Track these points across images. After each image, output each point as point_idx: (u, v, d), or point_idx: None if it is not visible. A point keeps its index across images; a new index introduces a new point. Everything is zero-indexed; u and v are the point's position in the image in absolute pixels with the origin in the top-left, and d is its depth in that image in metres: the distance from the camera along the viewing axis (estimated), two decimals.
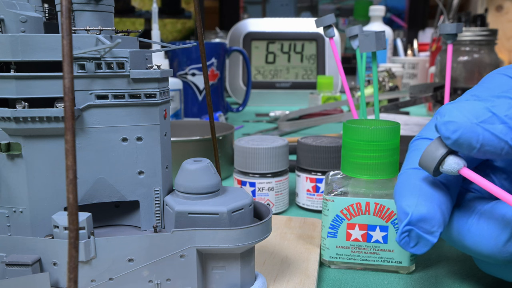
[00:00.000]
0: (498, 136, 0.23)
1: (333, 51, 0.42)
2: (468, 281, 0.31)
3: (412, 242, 0.26)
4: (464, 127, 0.23)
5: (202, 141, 0.51)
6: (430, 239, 0.25)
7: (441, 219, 0.25)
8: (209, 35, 1.61)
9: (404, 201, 0.26)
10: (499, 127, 0.23)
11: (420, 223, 0.25)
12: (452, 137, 0.23)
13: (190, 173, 0.26)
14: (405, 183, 0.27)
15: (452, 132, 0.23)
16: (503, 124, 0.23)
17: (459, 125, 0.23)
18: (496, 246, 0.25)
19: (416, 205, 0.25)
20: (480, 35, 0.87)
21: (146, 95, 0.26)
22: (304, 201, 0.45)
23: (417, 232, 0.25)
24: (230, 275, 0.26)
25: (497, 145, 0.23)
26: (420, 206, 0.25)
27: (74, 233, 0.19)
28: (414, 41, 1.53)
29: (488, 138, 0.23)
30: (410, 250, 0.26)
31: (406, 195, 0.26)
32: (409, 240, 0.25)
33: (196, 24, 0.37)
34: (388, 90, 1.03)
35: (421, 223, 0.25)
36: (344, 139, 0.33)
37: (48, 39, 0.24)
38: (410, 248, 0.26)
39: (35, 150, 0.25)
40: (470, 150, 0.24)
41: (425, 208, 0.25)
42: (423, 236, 0.25)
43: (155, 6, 0.83)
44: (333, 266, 0.33)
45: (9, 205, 0.26)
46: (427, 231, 0.25)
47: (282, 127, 0.79)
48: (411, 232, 0.25)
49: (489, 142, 0.23)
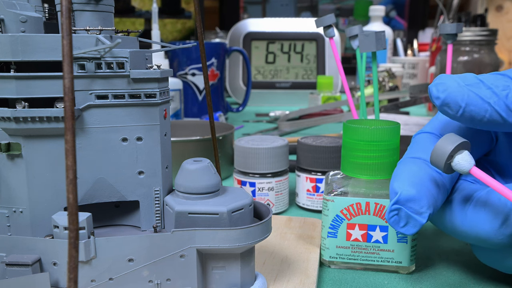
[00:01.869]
0: (482, 98, 0.26)
1: (333, 51, 0.42)
2: (468, 281, 0.31)
3: (401, 222, 0.27)
4: (452, 87, 0.26)
5: (202, 141, 0.51)
6: (418, 220, 0.26)
7: (430, 201, 0.26)
8: (209, 35, 1.61)
9: (396, 183, 0.27)
10: (485, 91, 0.26)
11: (409, 203, 0.26)
12: (441, 96, 0.26)
13: (190, 173, 0.26)
14: (401, 169, 0.28)
15: (442, 92, 0.26)
16: (488, 89, 0.26)
17: (448, 85, 0.26)
18: (492, 229, 0.26)
19: (406, 186, 0.27)
20: (480, 35, 0.87)
21: (146, 95, 0.26)
22: (304, 201, 0.45)
23: (406, 212, 0.26)
24: (230, 275, 0.26)
25: (481, 105, 0.26)
26: (409, 187, 0.27)
27: (74, 233, 0.19)
28: (414, 41, 1.53)
29: (473, 98, 0.26)
30: (400, 230, 0.27)
31: (399, 178, 0.27)
32: (399, 219, 0.27)
33: (196, 24, 0.37)
34: (388, 90, 1.03)
35: (409, 203, 0.26)
36: (344, 139, 0.33)
37: (48, 39, 0.24)
38: (400, 227, 0.27)
39: (35, 150, 0.25)
40: (456, 109, 0.26)
41: (414, 190, 0.26)
42: (411, 216, 0.26)
43: (155, 6, 0.83)
44: (333, 266, 0.33)
45: (9, 205, 0.26)
46: (415, 211, 0.26)
47: (282, 127, 0.79)
48: (400, 212, 0.27)
49: (473, 102, 0.26)
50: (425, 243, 0.37)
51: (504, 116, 0.25)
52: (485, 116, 0.26)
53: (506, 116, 0.25)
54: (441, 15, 1.37)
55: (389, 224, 0.27)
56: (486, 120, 0.26)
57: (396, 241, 0.32)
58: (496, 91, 0.26)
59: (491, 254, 0.29)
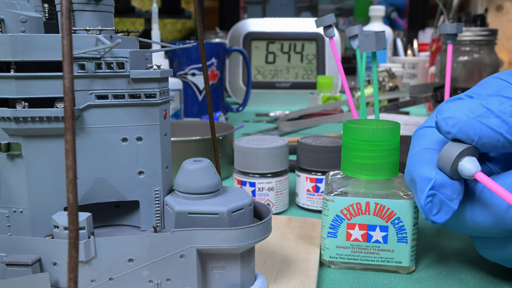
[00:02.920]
0: (493, 129, 0.25)
1: (333, 51, 0.42)
2: (468, 281, 0.31)
3: (434, 209, 0.26)
4: (462, 121, 0.26)
5: (202, 141, 0.51)
6: (451, 206, 0.26)
7: (459, 187, 0.26)
8: (209, 35, 1.61)
9: (424, 171, 0.27)
10: (494, 120, 0.26)
11: (442, 189, 0.26)
12: (452, 131, 0.26)
13: (190, 173, 0.26)
14: (421, 158, 0.28)
15: (452, 127, 0.26)
16: (497, 118, 0.26)
17: (457, 120, 0.26)
18: (498, 214, 0.26)
19: (437, 173, 0.26)
20: (480, 35, 0.87)
21: (146, 95, 0.26)
22: (304, 201, 0.45)
23: (440, 198, 0.26)
24: (230, 275, 0.26)
25: (493, 137, 0.25)
26: (440, 174, 0.26)
27: (74, 233, 0.19)
28: (414, 41, 1.53)
29: (485, 131, 0.25)
30: (432, 218, 0.26)
31: (425, 166, 0.27)
32: (432, 206, 0.26)
33: (196, 24, 0.37)
34: (388, 90, 1.03)
35: (443, 188, 0.26)
36: (344, 139, 0.33)
37: (48, 39, 0.24)
38: (432, 215, 0.26)
39: (35, 150, 0.25)
40: (469, 142, 0.26)
41: (444, 176, 0.26)
42: (445, 202, 0.26)
43: (155, 6, 0.83)
44: (333, 266, 0.33)
45: (9, 205, 0.26)
46: (448, 198, 0.26)
47: (282, 127, 0.79)
48: (434, 198, 0.26)
49: (486, 134, 0.25)
50: (425, 243, 0.37)
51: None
52: (497, 145, 0.26)
53: None
54: (441, 15, 1.37)
55: (423, 212, 0.26)
56: (498, 148, 0.26)
57: (396, 241, 0.32)
58: (505, 118, 0.25)
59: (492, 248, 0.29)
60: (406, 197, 0.31)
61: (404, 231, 0.31)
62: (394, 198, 0.31)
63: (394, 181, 0.32)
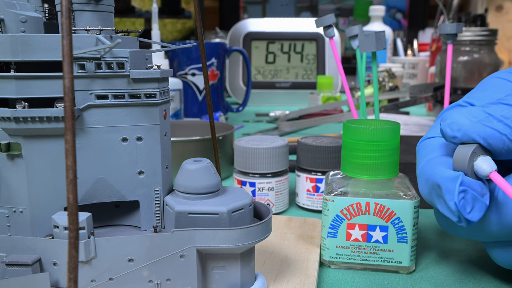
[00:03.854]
0: (498, 131, 0.25)
1: (333, 51, 0.42)
2: (468, 281, 0.31)
3: (468, 206, 0.25)
4: (466, 125, 0.26)
5: (202, 141, 0.51)
6: (484, 201, 0.25)
7: (485, 184, 0.26)
8: (209, 35, 1.61)
9: (446, 172, 0.26)
10: (497, 124, 0.26)
11: (472, 185, 0.25)
12: (457, 135, 0.26)
13: (190, 173, 0.26)
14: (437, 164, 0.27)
15: (457, 131, 0.26)
16: (499, 122, 0.26)
17: (461, 124, 0.26)
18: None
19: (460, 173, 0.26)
20: (480, 35, 0.87)
21: (146, 95, 0.26)
22: (304, 201, 0.45)
23: (472, 193, 0.25)
24: (230, 275, 0.26)
25: (498, 138, 0.25)
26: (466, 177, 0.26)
27: (74, 233, 0.19)
28: (414, 41, 1.53)
29: (489, 132, 0.25)
30: (467, 216, 0.25)
31: (445, 169, 0.26)
32: (465, 203, 0.25)
33: (196, 24, 0.37)
34: (388, 90, 1.03)
35: (472, 185, 0.25)
36: (344, 139, 0.33)
37: (48, 39, 0.24)
38: (467, 213, 0.25)
39: (35, 150, 0.25)
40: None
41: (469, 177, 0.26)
42: (477, 197, 0.25)
43: (155, 6, 0.83)
44: (333, 266, 0.33)
45: (9, 205, 0.26)
46: (479, 193, 0.26)
47: (282, 127, 0.79)
48: (466, 194, 0.25)
49: (491, 135, 0.25)
50: (425, 243, 0.37)
51: None
52: (503, 148, 0.26)
53: None
54: (441, 15, 1.37)
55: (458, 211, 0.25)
56: (504, 151, 0.26)
57: (396, 241, 0.32)
58: (508, 122, 0.25)
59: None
60: (406, 197, 0.31)
61: (404, 231, 0.31)
62: (394, 198, 0.31)
63: (394, 181, 0.32)
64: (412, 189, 0.32)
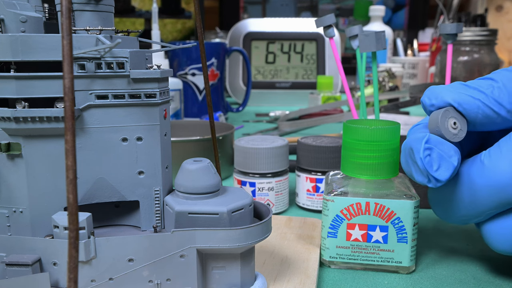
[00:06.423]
0: (472, 96, 0.27)
1: (333, 51, 0.42)
2: (468, 281, 0.31)
3: (435, 164, 0.26)
4: (442, 93, 0.28)
5: (202, 141, 0.51)
6: (451, 161, 0.26)
7: (456, 147, 0.27)
8: (209, 35, 1.61)
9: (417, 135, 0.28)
10: (472, 91, 0.28)
11: (439, 145, 0.27)
12: (434, 102, 0.28)
13: (190, 173, 0.26)
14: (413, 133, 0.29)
15: (434, 98, 0.28)
16: (474, 89, 0.28)
17: (437, 92, 0.28)
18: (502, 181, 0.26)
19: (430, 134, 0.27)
20: (480, 35, 0.87)
21: (146, 95, 0.26)
22: (304, 201, 0.45)
23: (438, 152, 0.26)
24: (230, 275, 0.26)
25: (472, 103, 0.27)
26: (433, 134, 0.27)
27: (74, 233, 0.19)
28: (414, 41, 1.53)
29: (464, 97, 0.27)
30: (434, 174, 0.26)
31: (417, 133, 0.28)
32: (431, 161, 0.26)
33: (196, 24, 0.37)
34: (388, 90, 1.03)
35: (439, 145, 0.27)
36: (344, 139, 0.33)
37: (48, 39, 0.24)
38: (433, 171, 0.26)
39: (35, 150, 0.25)
40: None
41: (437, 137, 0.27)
42: (444, 157, 0.26)
43: (155, 6, 0.83)
44: (333, 266, 0.33)
45: (9, 205, 0.26)
46: (446, 154, 0.27)
47: (282, 127, 0.79)
48: (432, 152, 0.26)
49: (465, 100, 0.27)
50: (425, 243, 0.37)
51: (496, 110, 0.27)
52: (478, 112, 0.27)
53: (497, 110, 0.27)
54: (441, 15, 1.37)
55: (424, 169, 0.27)
56: (480, 116, 0.27)
57: (396, 241, 0.32)
58: (482, 89, 0.27)
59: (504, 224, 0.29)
60: (406, 197, 0.31)
61: (404, 231, 0.31)
62: (394, 198, 0.31)
63: (394, 181, 0.32)
64: (412, 189, 0.32)
